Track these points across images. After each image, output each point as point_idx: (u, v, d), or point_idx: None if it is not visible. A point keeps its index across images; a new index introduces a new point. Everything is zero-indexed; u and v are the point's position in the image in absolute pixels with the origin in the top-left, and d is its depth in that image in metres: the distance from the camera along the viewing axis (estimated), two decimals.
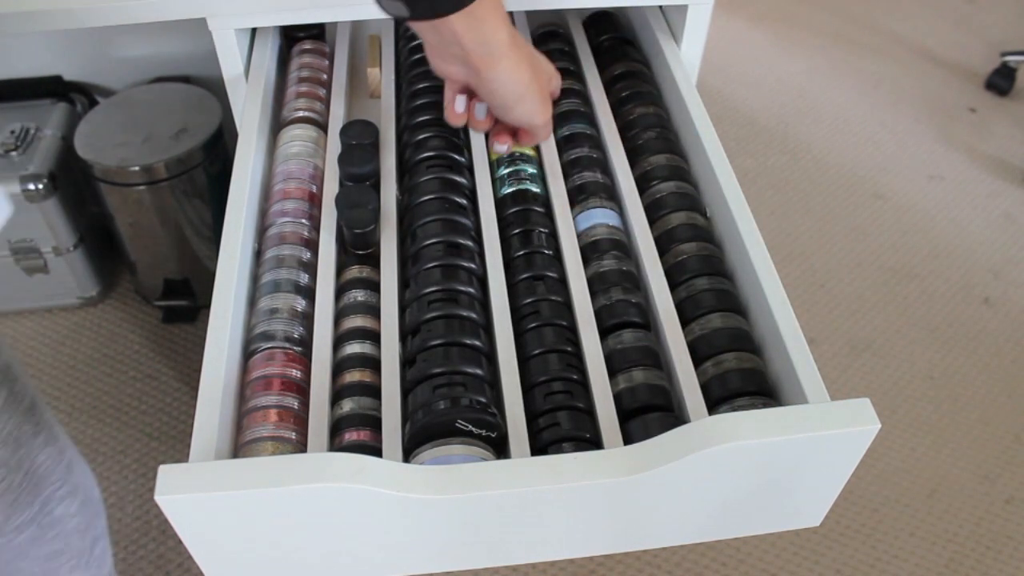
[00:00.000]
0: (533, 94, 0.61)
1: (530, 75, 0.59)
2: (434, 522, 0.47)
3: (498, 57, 0.56)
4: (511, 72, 0.57)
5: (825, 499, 0.54)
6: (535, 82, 0.60)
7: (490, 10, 0.53)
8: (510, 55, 0.56)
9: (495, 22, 0.54)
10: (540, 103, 0.63)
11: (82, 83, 1.33)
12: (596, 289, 0.61)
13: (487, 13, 0.53)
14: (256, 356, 0.57)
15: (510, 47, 0.56)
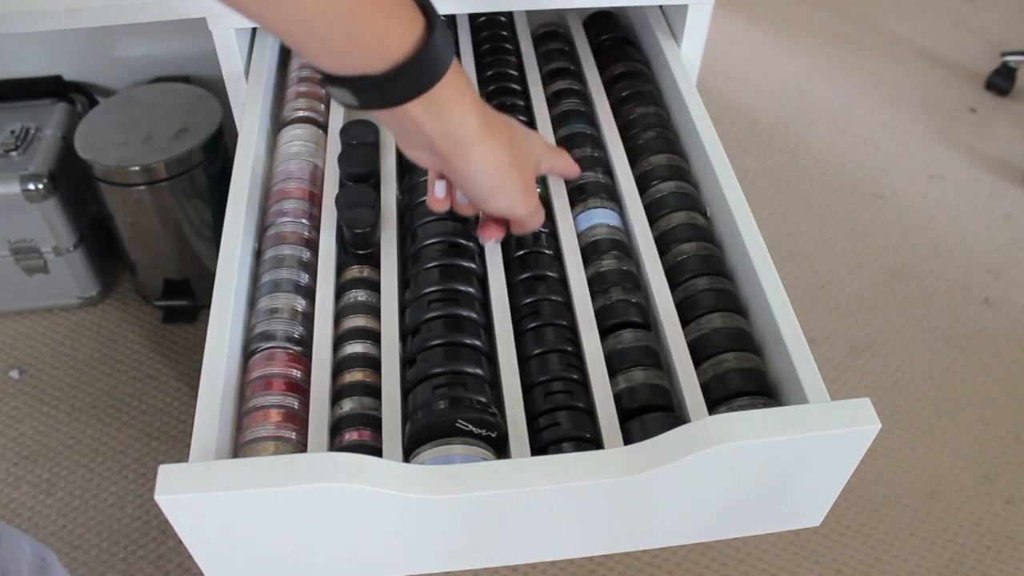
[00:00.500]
0: (511, 185, 0.53)
1: (508, 163, 0.52)
2: (434, 522, 0.47)
3: (467, 146, 0.49)
4: (483, 162, 0.50)
5: (825, 499, 0.54)
6: (514, 171, 0.53)
7: (453, 95, 0.47)
8: (482, 144, 0.49)
9: (461, 108, 0.48)
10: (521, 194, 0.55)
11: (82, 83, 1.33)
12: (596, 289, 0.61)
13: (450, 99, 0.47)
14: (256, 356, 0.57)
15: (481, 135, 0.49)
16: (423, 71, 0.44)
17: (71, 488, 1.16)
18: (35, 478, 1.17)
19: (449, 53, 0.45)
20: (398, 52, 0.43)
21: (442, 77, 0.45)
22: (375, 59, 0.42)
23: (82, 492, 1.16)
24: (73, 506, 1.14)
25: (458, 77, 0.47)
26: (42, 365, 1.30)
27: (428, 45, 0.43)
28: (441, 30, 0.44)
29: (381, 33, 0.42)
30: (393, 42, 0.42)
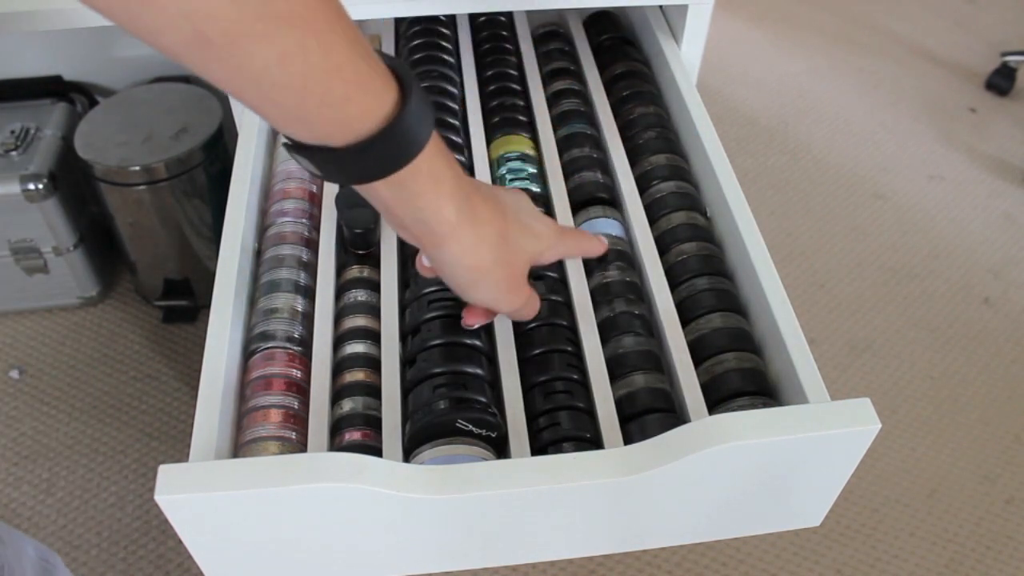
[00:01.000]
0: (491, 283, 0.47)
1: (490, 262, 0.45)
2: (434, 522, 0.47)
3: (441, 237, 0.43)
4: (458, 257, 0.45)
5: (825, 499, 0.54)
6: (497, 270, 0.46)
7: (426, 181, 0.41)
8: (457, 237, 0.44)
9: (436, 196, 0.42)
10: (504, 293, 0.48)
11: (82, 83, 1.33)
12: (599, 300, 0.61)
13: (422, 186, 0.41)
14: (256, 356, 0.57)
15: (458, 226, 0.43)
16: (390, 151, 0.39)
17: (71, 488, 1.16)
18: (35, 478, 1.17)
19: (425, 131, 0.40)
20: (361, 126, 0.38)
21: (413, 159, 0.40)
22: (334, 131, 0.37)
23: (82, 492, 1.16)
24: (73, 506, 1.14)
25: (435, 160, 0.41)
26: (42, 365, 1.30)
27: (397, 122, 0.38)
28: (416, 104, 0.39)
29: (340, 103, 0.36)
30: (355, 114, 0.37)
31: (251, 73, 0.34)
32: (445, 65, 0.79)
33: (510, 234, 0.47)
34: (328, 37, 0.35)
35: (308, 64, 0.34)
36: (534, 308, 0.53)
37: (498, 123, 0.74)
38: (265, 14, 0.32)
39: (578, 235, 0.58)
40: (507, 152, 0.71)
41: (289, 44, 0.34)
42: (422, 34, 0.81)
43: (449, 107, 0.74)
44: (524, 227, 0.49)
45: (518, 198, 0.50)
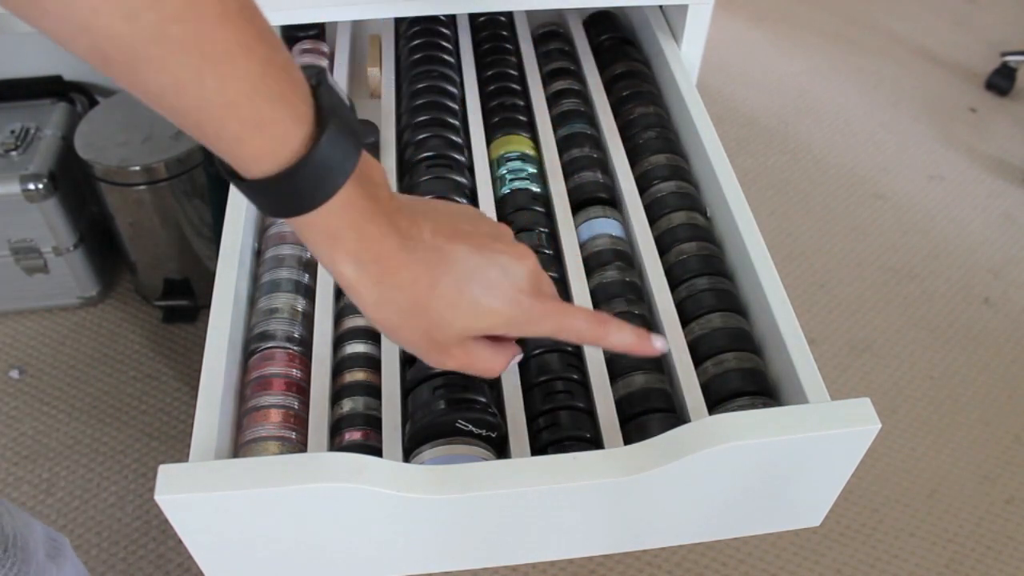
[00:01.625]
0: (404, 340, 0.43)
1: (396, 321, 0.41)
2: (434, 522, 0.47)
3: (343, 285, 0.40)
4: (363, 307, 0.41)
5: (825, 499, 0.54)
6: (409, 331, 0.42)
7: (322, 237, 0.38)
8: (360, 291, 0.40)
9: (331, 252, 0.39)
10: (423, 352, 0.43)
11: (82, 83, 1.33)
12: (599, 300, 0.61)
13: (318, 239, 0.38)
14: (256, 356, 0.57)
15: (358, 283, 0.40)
16: (281, 199, 0.36)
17: (71, 488, 1.16)
18: (35, 478, 1.17)
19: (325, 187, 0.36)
20: (255, 167, 0.35)
21: (305, 213, 0.37)
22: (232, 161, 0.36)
23: (82, 492, 1.16)
24: (73, 506, 1.14)
25: (336, 216, 0.37)
26: (42, 365, 1.30)
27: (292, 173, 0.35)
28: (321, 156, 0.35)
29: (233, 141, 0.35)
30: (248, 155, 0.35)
31: (150, 94, 0.33)
32: (445, 65, 0.79)
33: (433, 305, 0.41)
34: (226, 70, 0.33)
35: (202, 97, 0.33)
36: (486, 371, 0.45)
37: (498, 123, 0.74)
38: (160, 38, 0.31)
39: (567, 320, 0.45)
40: (507, 152, 0.71)
41: (183, 73, 0.32)
42: (422, 34, 0.81)
43: (449, 107, 0.74)
44: (463, 301, 0.42)
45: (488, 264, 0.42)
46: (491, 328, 0.43)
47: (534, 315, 0.44)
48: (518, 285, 0.43)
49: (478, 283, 0.42)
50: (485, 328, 0.43)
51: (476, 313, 0.42)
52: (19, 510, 0.68)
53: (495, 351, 0.45)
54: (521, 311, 0.43)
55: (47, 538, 0.71)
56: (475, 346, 0.44)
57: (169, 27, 0.31)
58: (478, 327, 0.43)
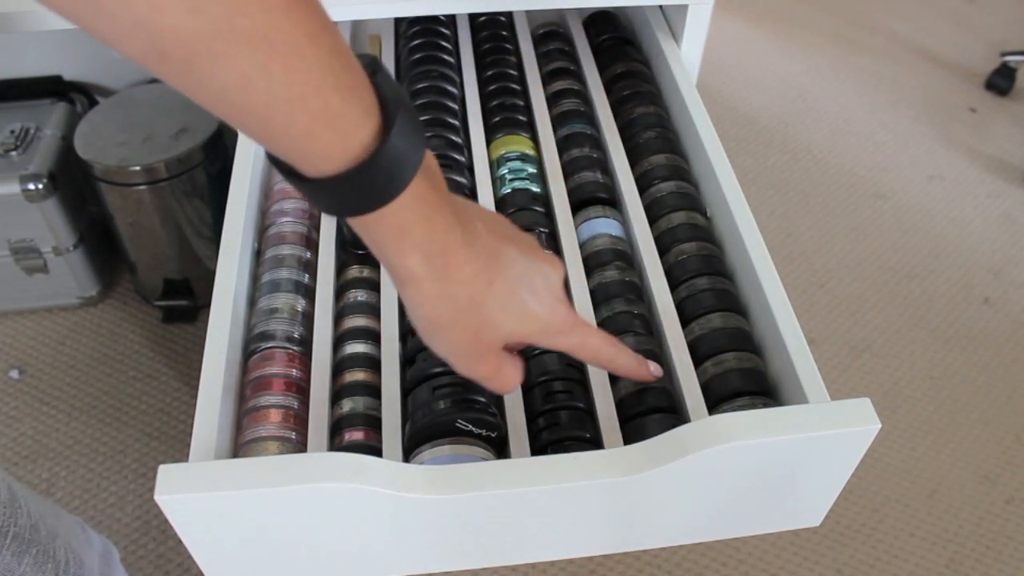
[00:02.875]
0: (450, 340, 0.42)
1: (448, 319, 0.41)
2: (434, 522, 0.47)
3: (403, 281, 0.40)
4: (419, 304, 0.41)
5: (825, 499, 0.54)
6: (455, 330, 0.42)
7: (391, 232, 0.38)
8: (422, 286, 0.40)
9: (399, 247, 0.38)
10: (462, 355, 0.43)
11: (82, 83, 1.33)
12: (599, 300, 0.61)
13: (387, 235, 0.38)
14: (256, 356, 0.57)
15: (423, 278, 0.39)
16: (351, 196, 0.36)
17: (71, 488, 1.16)
18: (35, 478, 1.17)
19: (396, 182, 0.36)
20: (324, 165, 0.34)
21: (376, 209, 0.36)
22: (298, 161, 0.35)
23: (82, 492, 1.16)
24: (73, 506, 1.14)
25: (407, 211, 0.37)
26: (42, 365, 1.30)
27: (363, 169, 0.34)
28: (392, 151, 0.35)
29: (302, 138, 0.34)
30: (317, 151, 0.34)
31: (212, 92, 0.32)
32: (445, 65, 0.79)
33: (488, 303, 0.41)
34: (294, 62, 0.31)
35: (270, 92, 0.32)
36: (504, 384, 0.45)
37: (498, 123, 0.74)
38: (226, 32, 0.30)
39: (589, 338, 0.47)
40: (507, 152, 0.71)
41: (250, 68, 0.31)
42: (422, 34, 0.81)
43: (449, 107, 0.74)
44: (514, 303, 0.43)
45: (534, 270, 0.43)
46: (530, 334, 0.44)
47: (566, 326, 0.45)
48: (556, 294, 0.44)
49: (526, 287, 0.43)
50: (525, 333, 0.44)
51: (522, 315, 0.43)
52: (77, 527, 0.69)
53: (516, 367, 0.46)
54: (557, 319, 0.44)
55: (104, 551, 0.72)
56: (505, 357, 0.45)
57: (236, 20, 0.30)
58: (521, 331, 0.43)
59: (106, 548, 0.74)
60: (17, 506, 0.58)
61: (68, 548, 0.64)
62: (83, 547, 0.67)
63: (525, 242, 0.44)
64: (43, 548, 0.60)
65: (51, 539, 0.61)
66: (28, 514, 0.59)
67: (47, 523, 0.62)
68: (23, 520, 0.58)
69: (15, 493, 0.59)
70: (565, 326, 0.45)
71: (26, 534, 0.58)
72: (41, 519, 0.61)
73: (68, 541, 0.64)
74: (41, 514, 0.62)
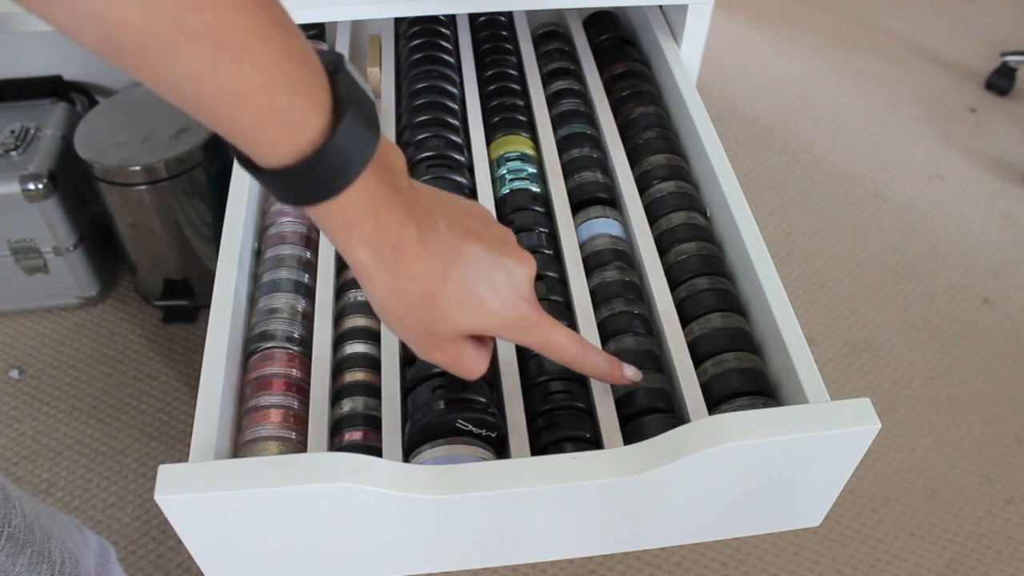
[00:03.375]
0: (402, 329, 0.44)
1: (402, 311, 0.42)
2: (434, 522, 0.47)
3: (355, 270, 0.41)
4: (371, 292, 0.42)
5: (825, 499, 0.54)
6: (411, 321, 0.43)
7: (339, 224, 0.39)
8: (373, 278, 0.41)
9: (347, 239, 0.39)
10: (417, 343, 0.44)
11: (82, 83, 1.33)
12: (599, 300, 0.61)
13: (335, 226, 0.39)
14: (256, 356, 0.57)
15: (373, 270, 0.40)
16: (298, 187, 0.37)
17: (71, 488, 1.16)
18: (35, 478, 1.17)
19: (342, 177, 0.37)
20: (272, 156, 0.36)
21: (322, 202, 0.37)
22: (248, 151, 0.36)
23: (82, 492, 1.16)
24: (73, 506, 1.14)
25: (353, 205, 0.38)
26: (42, 365, 1.30)
27: (308, 163, 0.36)
28: (337, 148, 0.36)
29: (249, 131, 0.35)
30: (264, 144, 0.35)
31: (165, 83, 0.33)
32: (445, 65, 0.79)
33: (441, 300, 0.42)
34: (242, 58, 0.32)
35: (217, 85, 0.32)
36: (465, 371, 0.46)
37: (498, 123, 0.74)
38: (175, 27, 0.31)
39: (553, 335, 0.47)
40: (507, 152, 0.71)
41: (199, 63, 0.32)
42: (422, 34, 0.81)
43: (449, 107, 0.74)
44: (469, 300, 0.43)
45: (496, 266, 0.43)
46: (487, 329, 0.45)
47: (529, 323, 0.45)
48: (520, 291, 0.44)
49: (485, 284, 0.43)
50: (482, 328, 0.44)
51: (479, 312, 0.43)
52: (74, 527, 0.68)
53: (480, 353, 0.46)
54: (519, 317, 0.45)
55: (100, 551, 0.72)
56: (465, 345, 0.45)
57: (185, 15, 0.31)
58: (477, 326, 0.44)
59: (103, 548, 0.74)
60: (11, 507, 0.58)
61: (64, 548, 0.64)
62: (79, 547, 0.67)
63: (493, 238, 0.44)
64: (38, 548, 0.60)
65: (46, 539, 0.61)
66: (23, 514, 0.59)
67: (42, 523, 0.62)
68: (17, 520, 0.58)
69: (8, 494, 0.59)
70: (527, 323, 0.45)
71: (20, 535, 0.58)
72: (36, 519, 0.61)
73: (64, 541, 0.64)
74: (36, 514, 0.62)
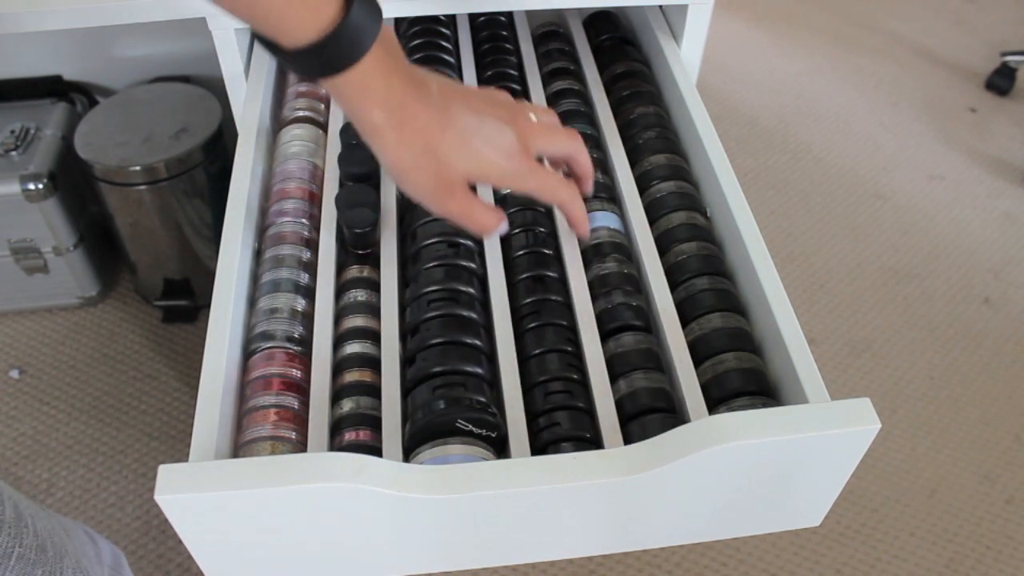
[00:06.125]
0: (413, 182, 0.50)
1: (410, 164, 0.49)
2: (434, 522, 0.47)
3: (368, 134, 0.48)
4: (382, 152, 0.49)
5: (825, 499, 0.54)
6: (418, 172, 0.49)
7: (357, 91, 0.46)
8: (382, 138, 0.48)
9: (363, 103, 0.47)
10: (428, 195, 0.50)
11: (82, 83, 1.33)
12: (597, 292, 0.61)
13: (353, 93, 0.46)
14: (256, 356, 0.57)
15: (384, 129, 0.47)
16: (323, 61, 0.44)
17: (71, 488, 1.16)
18: (35, 478, 1.17)
19: (358, 47, 0.44)
20: (300, 35, 0.43)
21: (343, 71, 0.45)
22: (278, 36, 0.44)
23: (82, 492, 1.16)
24: (73, 506, 1.14)
25: (368, 72, 0.45)
26: (42, 365, 1.30)
27: (329, 39, 0.43)
28: (352, 24, 0.43)
29: (279, 16, 0.43)
30: (293, 26, 0.43)
31: None
32: (445, 65, 0.79)
33: (442, 148, 0.49)
34: None
35: None
36: (479, 224, 0.52)
37: None
38: None
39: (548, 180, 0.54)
40: None
41: None
42: (422, 34, 0.81)
43: None
44: (466, 149, 0.50)
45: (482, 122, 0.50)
46: (488, 177, 0.52)
47: (523, 170, 0.52)
48: (511, 142, 0.51)
49: (477, 136, 0.50)
50: (484, 176, 0.51)
51: (478, 160, 0.50)
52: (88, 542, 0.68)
53: (491, 208, 0.53)
54: (514, 165, 0.51)
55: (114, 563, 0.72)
56: (476, 199, 0.52)
57: None
58: (478, 174, 0.51)
59: (116, 560, 0.74)
60: (23, 525, 0.58)
61: (77, 567, 0.63)
62: (92, 564, 0.67)
63: (477, 99, 0.51)
64: (50, 569, 0.59)
65: (58, 559, 0.61)
66: (35, 533, 0.59)
67: (55, 541, 0.61)
68: (29, 540, 0.58)
69: (21, 512, 0.58)
70: (523, 170, 0.52)
71: (31, 555, 0.58)
72: (49, 537, 0.61)
73: (78, 559, 0.64)
74: (50, 532, 0.61)
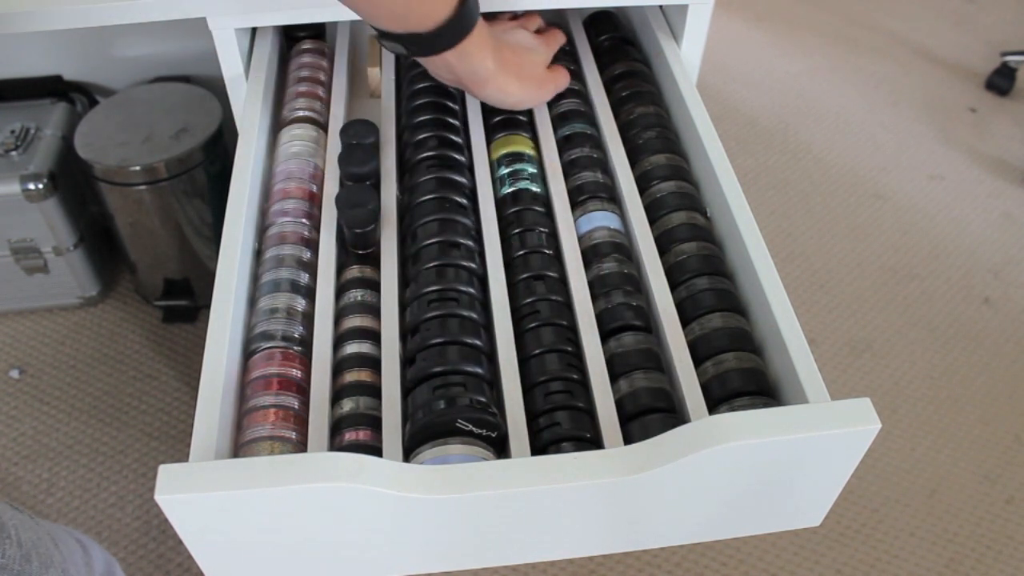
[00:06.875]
0: (525, 94, 0.71)
1: (518, 86, 0.69)
2: (434, 522, 0.47)
3: (485, 80, 0.66)
4: (497, 92, 0.68)
5: (825, 499, 0.54)
6: (523, 92, 0.70)
7: (477, 46, 0.62)
8: (495, 79, 0.66)
9: (481, 54, 0.63)
10: (532, 99, 0.72)
11: (82, 83, 1.33)
12: (597, 292, 0.61)
13: (474, 48, 0.62)
14: (256, 356, 0.57)
15: (496, 72, 0.65)
16: (458, 30, 0.59)
17: (71, 488, 1.16)
18: (35, 478, 1.17)
19: (477, 11, 0.60)
20: (441, 16, 0.58)
21: (470, 33, 0.60)
22: (424, 23, 0.58)
23: (82, 492, 1.16)
24: (73, 506, 1.14)
25: (481, 30, 0.61)
26: (42, 365, 1.30)
27: (463, 9, 0.58)
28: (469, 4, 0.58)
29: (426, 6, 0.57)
30: (439, 10, 0.57)
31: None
32: None
33: (525, 67, 0.70)
34: None
35: None
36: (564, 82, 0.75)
37: (498, 123, 0.74)
38: None
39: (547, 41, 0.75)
40: (507, 152, 0.71)
41: None
42: None
43: (449, 107, 0.74)
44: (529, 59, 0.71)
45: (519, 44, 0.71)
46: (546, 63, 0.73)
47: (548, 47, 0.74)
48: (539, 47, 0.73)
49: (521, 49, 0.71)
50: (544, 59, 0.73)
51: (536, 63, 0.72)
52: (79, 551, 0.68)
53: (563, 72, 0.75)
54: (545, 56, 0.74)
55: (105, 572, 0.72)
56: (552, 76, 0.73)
57: None
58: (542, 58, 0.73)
59: (108, 568, 0.73)
60: (6, 536, 0.57)
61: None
62: (80, 572, 0.66)
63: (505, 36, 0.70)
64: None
65: (44, 569, 0.60)
66: (18, 544, 0.58)
67: (40, 552, 0.60)
68: (12, 551, 0.57)
69: (4, 523, 0.58)
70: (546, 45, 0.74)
71: (15, 565, 0.57)
72: (34, 548, 0.60)
73: (65, 568, 0.63)
74: (34, 542, 0.60)
